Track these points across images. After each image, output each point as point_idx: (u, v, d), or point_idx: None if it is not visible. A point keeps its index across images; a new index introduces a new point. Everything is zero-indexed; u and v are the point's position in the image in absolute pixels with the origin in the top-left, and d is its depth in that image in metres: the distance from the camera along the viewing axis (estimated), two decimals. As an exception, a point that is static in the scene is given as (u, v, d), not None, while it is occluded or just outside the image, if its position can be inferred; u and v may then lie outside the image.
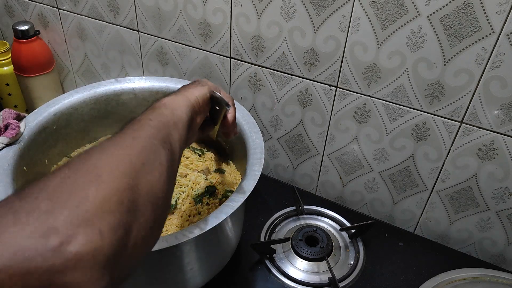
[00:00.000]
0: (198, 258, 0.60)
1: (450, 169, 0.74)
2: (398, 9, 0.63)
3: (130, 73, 0.99)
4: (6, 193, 0.57)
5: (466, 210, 0.77)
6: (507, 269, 0.76)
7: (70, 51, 1.04)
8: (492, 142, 0.68)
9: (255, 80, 0.83)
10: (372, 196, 0.85)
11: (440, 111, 0.69)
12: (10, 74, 1.03)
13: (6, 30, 1.11)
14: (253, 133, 0.67)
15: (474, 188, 0.74)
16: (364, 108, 0.75)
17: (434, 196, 0.78)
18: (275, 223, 0.82)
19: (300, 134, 0.85)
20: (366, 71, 0.71)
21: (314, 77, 0.77)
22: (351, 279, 0.73)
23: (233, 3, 0.76)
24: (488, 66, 0.62)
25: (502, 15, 0.57)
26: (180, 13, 0.82)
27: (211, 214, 0.53)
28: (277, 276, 0.73)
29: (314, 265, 0.74)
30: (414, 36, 0.64)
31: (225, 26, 0.79)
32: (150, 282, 0.58)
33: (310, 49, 0.74)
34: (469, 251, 0.81)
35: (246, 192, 0.56)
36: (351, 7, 0.66)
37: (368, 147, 0.79)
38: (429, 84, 0.67)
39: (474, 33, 0.60)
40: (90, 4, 0.92)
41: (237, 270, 0.73)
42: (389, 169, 0.80)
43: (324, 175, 0.88)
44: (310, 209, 0.85)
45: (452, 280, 0.69)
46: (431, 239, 0.83)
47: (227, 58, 0.83)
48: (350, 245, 0.79)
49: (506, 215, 0.74)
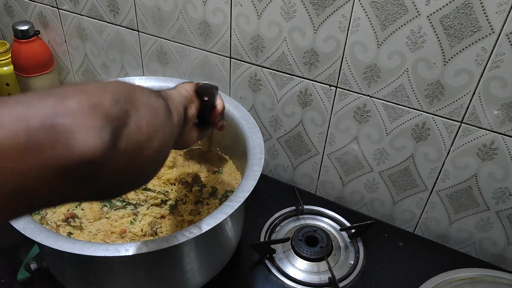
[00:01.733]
0: (198, 258, 0.60)
1: (450, 169, 0.74)
2: (398, 9, 0.63)
3: (130, 73, 0.99)
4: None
5: (466, 210, 0.77)
6: (507, 269, 0.76)
7: (70, 51, 1.04)
8: (492, 142, 0.68)
9: (255, 80, 0.83)
10: (372, 196, 0.85)
11: (440, 111, 0.69)
12: (10, 74, 1.03)
13: (6, 30, 1.11)
14: (253, 133, 0.67)
15: (474, 188, 0.74)
16: (364, 108, 0.75)
17: (434, 196, 0.78)
18: (275, 223, 0.82)
19: (300, 134, 0.85)
20: (366, 71, 0.71)
21: (314, 77, 0.77)
22: (351, 279, 0.73)
23: (233, 3, 0.76)
24: (488, 66, 0.62)
25: (502, 15, 0.57)
26: (180, 13, 0.82)
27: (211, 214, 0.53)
28: (277, 276, 0.72)
29: (314, 265, 0.74)
30: (414, 36, 0.64)
31: (225, 26, 0.79)
32: (150, 282, 0.58)
33: (310, 49, 0.74)
34: (469, 251, 0.81)
35: (246, 192, 0.56)
36: (351, 7, 0.66)
37: (368, 147, 0.79)
38: (429, 84, 0.67)
39: (474, 33, 0.60)
40: (90, 4, 0.92)
41: (237, 270, 0.73)
42: (389, 169, 0.80)
43: (324, 175, 0.88)
44: (310, 209, 0.85)
45: (452, 280, 0.69)
46: (431, 239, 0.83)
47: (227, 58, 0.83)
48: (350, 245, 0.79)
49: (506, 215, 0.74)
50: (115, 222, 0.63)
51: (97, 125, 0.26)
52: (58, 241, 0.48)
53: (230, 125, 0.71)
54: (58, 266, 0.62)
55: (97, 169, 0.27)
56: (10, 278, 0.70)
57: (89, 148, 0.25)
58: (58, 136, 0.24)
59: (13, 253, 0.74)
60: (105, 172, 0.28)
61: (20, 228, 0.50)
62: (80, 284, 0.61)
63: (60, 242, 0.48)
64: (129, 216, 0.64)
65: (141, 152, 0.32)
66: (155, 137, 0.33)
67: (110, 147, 0.27)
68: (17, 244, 0.75)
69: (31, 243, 0.71)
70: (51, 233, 0.50)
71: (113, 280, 0.58)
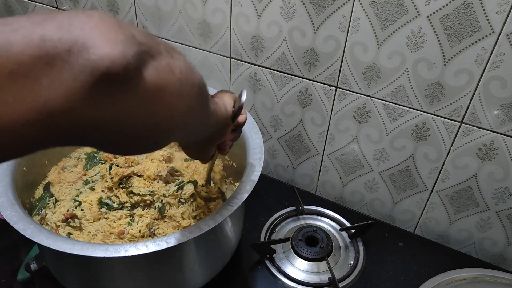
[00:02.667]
0: (198, 258, 0.60)
1: (450, 169, 0.74)
2: (398, 9, 0.63)
3: (130, 73, 0.99)
4: (6, 193, 0.57)
5: (466, 210, 0.77)
6: (507, 269, 0.76)
7: (70, 51, 1.04)
8: (492, 142, 0.68)
9: (255, 80, 0.83)
10: (372, 196, 0.85)
11: (440, 111, 0.69)
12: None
13: (5, 30, 1.11)
14: (253, 133, 0.67)
15: (474, 188, 0.74)
16: (364, 108, 0.75)
17: (434, 196, 0.78)
18: (275, 223, 0.82)
19: (300, 134, 0.85)
20: (366, 71, 0.71)
21: (314, 77, 0.77)
22: (351, 279, 0.73)
23: (233, 3, 0.76)
24: (488, 66, 0.62)
25: (502, 15, 0.57)
26: (179, 13, 0.82)
27: (211, 214, 0.53)
28: (277, 276, 0.72)
29: (314, 265, 0.74)
30: (414, 36, 0.64)
31: (225, 26, 0.79)
32: (150, 282, 0.58)
33: (310, 49, 0.74)
34: (469, 251, 0.81)
35: (246, 192, 0.56)
36: (351, 7, 0.66)
37: (368, 147, 0.79)
38: (429, 84, 0.67)
39: (474, 33, 0.60)
40: (90, 4, 0.92)
41: (237, 270, 0.73)
42: (389, 169, 0.80)
43: (324, 175, 0.88)
44: (310, 209, 0.85)
45: (452, 280, 0.69)
46: (431, 239, 0.83)
47: (227, 58, 0.83)
48: (350, 245, 0.79)
49: (506, 215, 0.74)
50: (114, 223, 0.63)
51: (120, 38, 0.24)
52: (58, 242, 0.48)
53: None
54: (58, 266, 0.62)
55: (118, 86, 0.24)
56: (10, 278, 0.70)
57: (109, 56, 0.23)
58: (74, 45, 0.22)
59: (13, 253, 0.74)
60: (125, 96, 0.25)
61: (20, 228, 0.50)
62: (80, 284, 0.61)
63: (60, 243, 0.48)
64: (127, 217, 0.64)
65: (169, 100, 0.28)
66: (187, 95, 0.30)
67: (133, 65, 0.24)
68: (17, 244, 0.75)
69: (31, 243, 0.71)
70: (50, 234, 0.50)
71: (113, 280, 0.58)
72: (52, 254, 0.59)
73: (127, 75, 0.24)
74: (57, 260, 0.60)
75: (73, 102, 0.23)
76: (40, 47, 0.22)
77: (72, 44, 0.22)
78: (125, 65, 0.24)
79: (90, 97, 0.23)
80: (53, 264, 0.63)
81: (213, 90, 0.75)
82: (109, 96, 0.24)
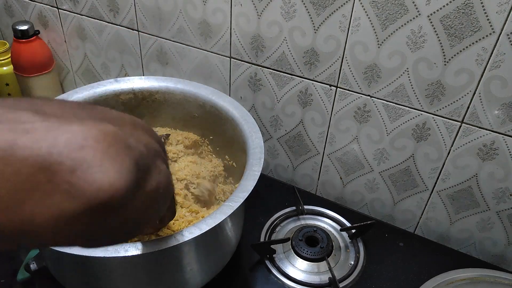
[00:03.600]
0: (198, 259, 0.60)
1: (451, 169, 0.74)
2: (399, 9, 0.63)
3: (130, 73, 0.99)
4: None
5: (466, 210, 0.77)
6: (507, 269, 0.76)
7: (70, 51, 1.04)
8: (492, 142, 0.68)
9: (255, 80, 0.83)
10: (372, 196, 0.85)
11: (441, 111, 0.69)
12: (10, 74, 1.03)
13: (5, 30, 1.11)
14: (253, 133, 0.67)
15: (475, 188, 0.73)
16: (364, 108, 0.75)
17: (434, 196, 0.78)
18: (275, 223, 0.82)
19: (300, 134, 0.85)
20: (366, 71, 0.71)
21: (314, 77, 0.77)
22: (351, 279, 0.73)
23: (233, 3, 0.76)
24: (489, 66, 0.62)
25: (503, 15, 0.57)
26: (180, 13, 0.82)
27: (211, 214, 0.53)
28: (277, 277, 0.72)
29: (314, 266, 0.74)
30: (415, 36, 0.64)
31: (225, 26, 0.79)
32: (150, 282, 0.58)
33: (310, 49, 0.74)
34: (470, 251, 0.81)
35: (246, 192, 0.56)
36: (351, 6, 0.66)
37: (368, 147, 0.79)
38: (429, 84, 0.67)
39: (475, 33, 0.60)
40: (90, 4, 0.92)
41: (237, 271, 0.73)
42: (389, 169, 0.80)
43: (324, 175, 0.88)
44: (310, 209, 0.85)
45: (452, 281, 0.69)
46: (432, 239, 0.83)
47: (227, 58, 0.83)
48: (350, 245, 0.79)
49: (507, 215, 0.74)
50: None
51: (125, 166, 0.23)
52: (58, 242, 0.48)
53: (230, 125, 0.71)
54: (58, 266, 0.62)
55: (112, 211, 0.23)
56: (10, 278, 0.70)
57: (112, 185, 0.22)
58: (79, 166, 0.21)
59: (13, 253, 0.74)
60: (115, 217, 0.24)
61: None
62: (80, 284, 0.61)
63: (60, 243, 0.48)
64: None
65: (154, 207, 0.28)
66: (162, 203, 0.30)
67: (130, 192, 0.24)
68: (17, 244, 0.75)
69: (30, 243, 0.71)
70: (50, 234, 0.50)
71: (112, 280, 0.58)
72: (52, 254, 0.59)
73: (122, 202, 0.23)
74: (57, 260, 0.60)
75: (59, 224, 0.22)
76: (45, 159, 0.20)
77: (77, 165, 0.21)
78: (123, 195, 0.23)
79: (78, 221, 0.22)
80: (53, 264, 0.63)
81: (213, 90, 0.75)
82: (100, 218, 0.23)
